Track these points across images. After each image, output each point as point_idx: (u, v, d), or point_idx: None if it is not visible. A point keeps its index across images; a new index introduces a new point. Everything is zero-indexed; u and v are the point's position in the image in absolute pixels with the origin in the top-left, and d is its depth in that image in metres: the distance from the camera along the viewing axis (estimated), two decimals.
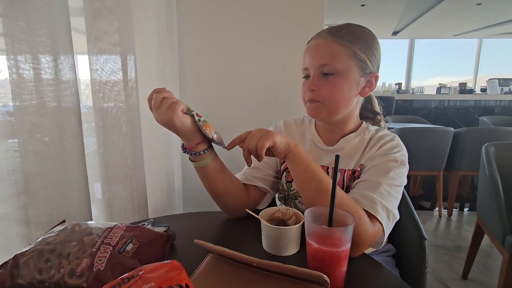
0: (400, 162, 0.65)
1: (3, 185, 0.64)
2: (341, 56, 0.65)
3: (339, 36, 0.66)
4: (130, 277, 0.32)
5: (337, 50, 0.65)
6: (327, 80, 0.67)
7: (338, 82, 0.66)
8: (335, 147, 0.74)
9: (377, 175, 0.63)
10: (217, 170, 0.67)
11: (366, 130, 0.74)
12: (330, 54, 0.66)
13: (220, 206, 0.73)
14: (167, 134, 1.07)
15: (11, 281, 0.43)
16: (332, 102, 0.68)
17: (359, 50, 0.66)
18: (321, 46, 0.68)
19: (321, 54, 0.67)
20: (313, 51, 0.69)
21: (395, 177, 0.63)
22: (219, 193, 0.69)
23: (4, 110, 0.65)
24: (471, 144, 2.23)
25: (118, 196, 0.85)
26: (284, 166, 0.79)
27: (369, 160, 0.68)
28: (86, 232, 0.49)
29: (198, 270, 0.45)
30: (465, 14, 4.62)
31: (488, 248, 1.87)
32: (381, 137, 0.71)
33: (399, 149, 0.67)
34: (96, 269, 0.43)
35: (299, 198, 0.75)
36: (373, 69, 0.69)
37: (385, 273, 0.53)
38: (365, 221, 0.55)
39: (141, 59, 0.87)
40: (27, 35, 0.62)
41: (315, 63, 0.67)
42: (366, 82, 0.69)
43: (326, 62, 0.66)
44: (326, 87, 0.67)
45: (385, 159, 0.65)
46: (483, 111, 4.32)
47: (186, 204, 1.25)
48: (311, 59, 0.69)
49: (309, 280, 0.39)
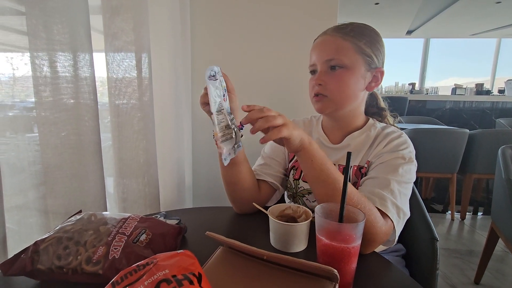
0: (408, 158, 0.65)
1: (24, 176, 0.67)
2: (347, 51, 0.67)
3: (344, 32, 0.68)
4: (145, 264, 0.33)
5: (343, 45, 0.67)
6: (334, 74, 0.68)
7: (345, 76, 0.67)
8: (341, 145, 0.74)
9: (385, 172, 0.63)
10: (239, 160, 0.68)
11: (372, 126, 0.74)
12: (336, 48, 0.67)
13: (232, 197, 0.74)
14: (179, 131, 1.09)
15: (32, 266, 0.45)
16: (339, 95, 0.69)
17: (364, 45, 0.67)
18: (327, 42, 0.69)
19: (327, 50, 0.68)
20: (319, 47, 0.71)
21: (404, 174, 0.63)
22: (235, 180, 0.70)
23: (25, 106, 0.68)
24: (487, 147, 2.17)
25: (131, 189, 0.87)
26: (291, 164, 0.80)
27: (377, 157, 0.68)
28: (102, 222, 0.51)
29: (209, 261, 0.46)
30: (484, 13, 4.47)
31: (502, 253, 1.82)
32: (388, 133, 0.71)
33: (406, 146, 0.67)
34: (111, 257, 0.45)
35: (307, 195, 0.76)
36: (378, 64, 0.70)
37: (395, 271, 0.53)
38: (378, 219, 0.55)
39: (156, 57, 0.89)
40: (49, 33, 0.65)
41: (322, 58, 0.69)
42: (372, 77, 0.71)
43: (333, 56, 0.67)
44: (333, 80, 0.68)
45: (393, 156, 0.65)
46: (500, 113, 4.17)
47: (196, 199, 1.27)
48: (318, 54, 0.70)
49: (319, 275, 0.40)
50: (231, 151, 0.60)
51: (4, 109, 0.66)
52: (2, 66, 0.65)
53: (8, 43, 0.66)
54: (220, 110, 0.57)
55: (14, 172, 0.66)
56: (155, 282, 0.31)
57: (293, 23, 1.13)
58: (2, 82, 0.65)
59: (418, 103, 4.24)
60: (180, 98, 1.09)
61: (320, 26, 1.14)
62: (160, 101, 0.93)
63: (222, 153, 0.58)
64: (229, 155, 0.60)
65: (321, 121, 0.82)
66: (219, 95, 0.57)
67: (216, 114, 0.56)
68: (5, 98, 0.65)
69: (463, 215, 2.35)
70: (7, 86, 0.65)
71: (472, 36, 5.96)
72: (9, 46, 0.66)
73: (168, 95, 1.00)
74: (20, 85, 0.66)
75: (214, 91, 0.56)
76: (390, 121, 0.81)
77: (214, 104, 0.55)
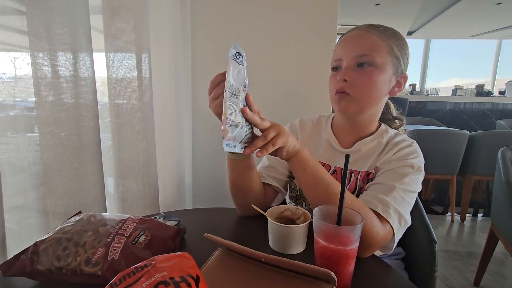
0: (417, 168, 0.64)
1: (24, 176, 0.67)
2: (381, 49, 0.64)
3: (379, 30, 0.65)
4: (143, 266, 0.34)
5: (378, 43, 0.65)
6: (363, 71, 0.65)
7: (375, 75, 0.64)
8: (352, 150, 0.72)
9: (392, 179, 0.62)
10: (249, 166, 0.66)
11: (385, 133, 0.73)
12: (371, 45, 0.64)
13: (238, 202, 0.72)
14: (179, 131, 1.09)
15: (31, 267, 0.46)
16: (365, 95, 0.66)
17: (396, 47, 0.65)
18: (361, 37, 0.66)
19: (360, 45, 0.65)
20: (351, 41, 0.67)
21: (410, 183, 0.62)
22: (243, 188, 0.68)
23: (26, 105, 0.69)
24: (487, 148, 2.17)
25: (130, 190, 0.87)
26: None
27: (385, 164, 0.66)
28: (101, 223, 0.51)
29: (207, 263, 0.46)
30: (484, 14, 4.47)
31: (502, 256, 1.82)
32: (399, 142, 0.69)
33: (416, 155, 0.66)
34: (110, 258, 0.45)
35: None
36: (403, 70, 0.69)
37: (393, 274, 0.53)
38: (375, 223, 0.55)
39: (156, 57, 0.89)
40: (49, 33, 0.65)
41: (352, 53, 0.65)
42: (396, 82, 0.69)
43: (366, 52, 0.64)
44: (362, 78, 0.64)
45: (401, 164, 0.64)
46: (501, 114, 4.16)
47: (196, 200, 1.27)
48: (348, 49, 0.66)
49: (317, 277, 0.40)
50: (235, 141, 0.53)
51: (5, 109, 0.66)
52: (3, 66, 0.65)
53: (9, 43, 0.67)
54: (235, 95, 0.50)
55: (14, 172, 0.67)
56: (153, 284, 0.31)
57: (293, 24, 1.13)
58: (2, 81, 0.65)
59: (419, 104, 4.24)
60: (180, 99, 1.09)
61: (320, 27, 1.14)
62: (160, 101, 0.93)
63: (225, 137, 0.50)
64: (232, 145, 0.53)
65: (331, 122, 0.79)
66: (239, 80, 0.51)
67: (230, 95, 0.49)
68: (5, 98, 0.66)
69: (463, 216, 2.35)
70: (8, 86, 0.65)
71: (473, 37, 5.95)
72: (10, 45, 0.67)
73: (168, 96, 1.00)
74: (20, 85, 0.66)
75: (235, 73, 0.49)
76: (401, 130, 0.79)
77: (229, 84, 0.48)
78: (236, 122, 0.51)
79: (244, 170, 0.66)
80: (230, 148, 0.52)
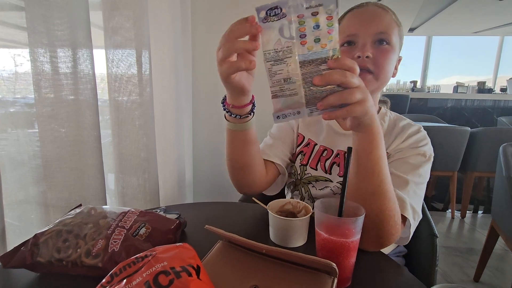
0: (429, 156, 0.64)
1: (25, 170, 0.67)
2: (394, 29, 0.64)
3: (388, 11, 0.65)
4: (144, 256, 0.34)
5: (392, 23, 0.64)
6: (382, 49, 0.63)
7: (391, 54, 0.64)
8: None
9: (405, 171, 0.61)
10: (251, 139, 0.60)
11: (385, 116, 0.73)
12: (388, 24, 0.64)
13: (236, 179, 0.68)
14: (179, 127, 1.09)
15: (31, 259, 0.45)
16: (384, 73, 0.64)
17: (400, 31, 0.66)
18: (380, 15, 0.64)
19: (381, 22, 0.63)
20: (368, 17, 0.64)
21: (422, 174, 0.62)
22: (242, 164, 0.64)
23: (26, 102, 0.68)
24: (488, 145, 2.16)
25: (131, 185, 0.87)
26: (300, 149, 0.76)
27: (395, 151, 0.66)
28: (102, 215, 0.51)
29: (208, 255, 0.46)
30: (486, 11, 4.44)
31: (502, 252, 1.82)
32: (406, 126, 0.69)
33: (427, 142, 0.66)
34: (111, 250, 0.45)
35: (313, 182, 0.73)
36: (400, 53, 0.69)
37: (393, 265, 0.53)
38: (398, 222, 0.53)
39: (156, 54, 0.89)
40: (48, 29, 0.65)
41: (372, 30, 0.62)
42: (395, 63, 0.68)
43: (385, 30, 0.62)
44: (383, 55, 0.62)
45: (414, 153, 0.63)
46: (502, 111, 4.15)
47: (196, 195, 1.27)
48: (365, 24, 0.63)
49: (318, 269, 0.40)
50: (287, 113, 0.45)
51: (5, 105, 0.65)
52: (1, 62, 0.64)
53: (8, 39, 0.66)
54: (282, 59, 0.41)
55: (15, 166, 0.67)
56: (153, 274, 0.31)
57: None
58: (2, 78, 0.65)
59: (420, 101, 4.22)
60: (180, 94, 1.09)
61: None
62: (160, 97, 0.93)
63: (275, 110, 0.45)
64: (282, 116, 0.45)
65: None
66: (286, 37, 0.41)
67: (271, 64, 0.42)
68: (6, 94, 0.65)
69: (463, 213, 2.35)
70: (8, 82, 0.65)
71: (474, 34, 5.92)
72: (9, 41, 0.66)
73: (168, 91, 1.00)
74: (20, 81, 0.66)
75: (272, 36, 0.41)
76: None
77: (267, 55, 0.42)
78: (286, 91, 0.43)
79: (243, 144, 0.60)
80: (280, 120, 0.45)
